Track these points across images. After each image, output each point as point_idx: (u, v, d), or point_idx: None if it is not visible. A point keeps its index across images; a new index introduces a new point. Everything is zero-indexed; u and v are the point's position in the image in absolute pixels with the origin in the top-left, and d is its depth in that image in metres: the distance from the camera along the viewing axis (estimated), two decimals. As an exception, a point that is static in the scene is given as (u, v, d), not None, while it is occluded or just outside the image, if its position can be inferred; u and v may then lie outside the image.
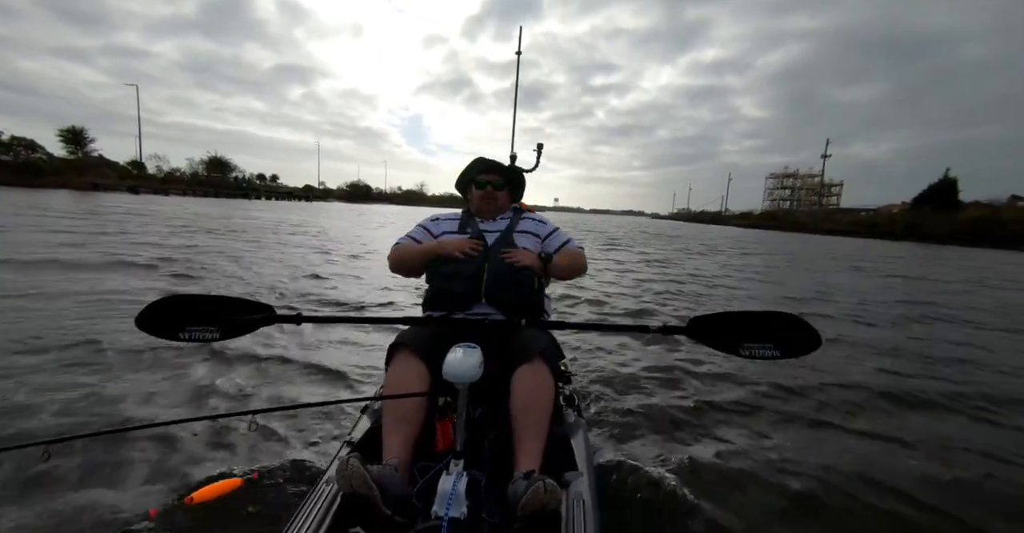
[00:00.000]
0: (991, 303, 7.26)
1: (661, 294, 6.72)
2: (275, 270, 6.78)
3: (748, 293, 7.32)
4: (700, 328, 1.47)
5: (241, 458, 1.94)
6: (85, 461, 1.84)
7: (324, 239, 12.52)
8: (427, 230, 1.87)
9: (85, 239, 8.63)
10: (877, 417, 2.70)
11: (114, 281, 5.28)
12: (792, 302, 6.57)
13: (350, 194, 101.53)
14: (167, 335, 1.47)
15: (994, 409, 2.86)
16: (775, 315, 1.44)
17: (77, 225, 11.07)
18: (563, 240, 1.86)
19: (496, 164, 1.89)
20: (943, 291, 8.53)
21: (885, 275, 10.85)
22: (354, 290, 5.81)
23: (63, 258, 6.38)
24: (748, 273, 9.98)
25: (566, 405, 1.72)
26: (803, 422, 2.58)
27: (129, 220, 13.63)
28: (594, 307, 5.56)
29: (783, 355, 1.40)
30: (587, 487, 1.25)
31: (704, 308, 5.87)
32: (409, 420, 1.32)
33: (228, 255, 7.93)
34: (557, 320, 1.73)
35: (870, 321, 5.42)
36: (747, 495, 1.88)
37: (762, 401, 2.81)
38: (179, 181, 61.90)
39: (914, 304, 6.82)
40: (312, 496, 1.18)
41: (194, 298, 1.51)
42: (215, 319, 1.49)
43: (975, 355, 4.12)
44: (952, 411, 2.83)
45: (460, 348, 1.15)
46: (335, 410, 2.33)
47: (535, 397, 1.34)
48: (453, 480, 1.05)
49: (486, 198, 1.86)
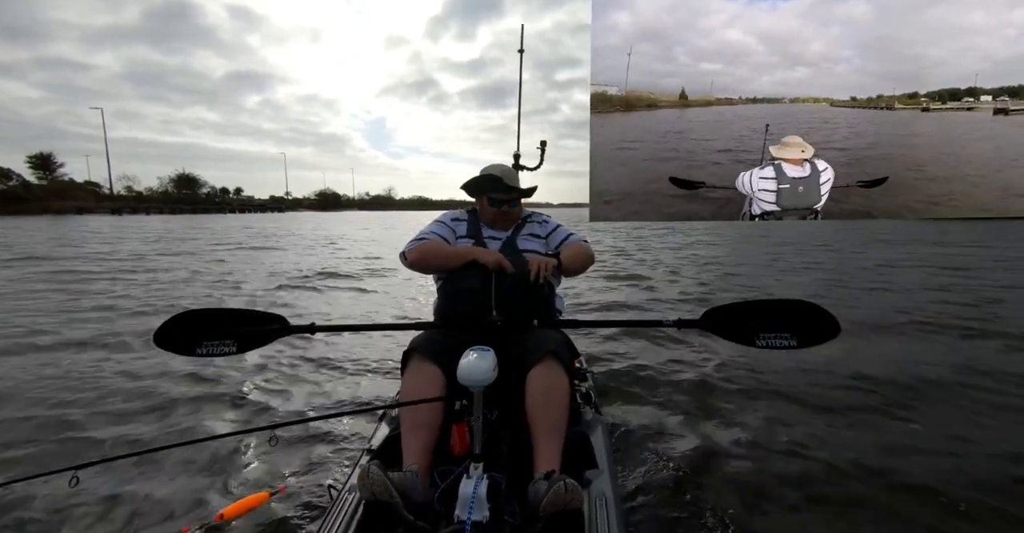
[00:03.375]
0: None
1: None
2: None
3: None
4: (714, 320, 1.45)
5: (266, 472, 1.96)
6: (113, 485, 1.87)
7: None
8: (448, 227, 1.81)
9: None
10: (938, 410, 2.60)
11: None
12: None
13: (319, 203, 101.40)
14: (185, 351, 1.48)
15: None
16: (791, 303, 1.41)
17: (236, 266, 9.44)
18: (566, 234, 1.84)
19: (508, 184, 1.80)
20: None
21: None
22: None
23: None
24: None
25: (583, 403, 1.71)
26: (831, 414, 2.51)
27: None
28: (603, 300, 5.54)
29: (800, 344, 1.37)
30: (609, 485, 1.24)
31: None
32: (426, 425, 1.32)
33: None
34: (569, 319, 1.73)
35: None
36: (772, 491, 1.84)
37: (786, 392, 2.76)
38: (155, 200, 63.61)
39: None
40: (336, 505, 1.19)
41: (209, 312, 1.52)
42: (231, 333, 1.50)
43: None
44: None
45: (474, 351, 1.15)
46: (353, 418, 2.35)
47: (550, 397, 1.33)
48: (474, 484, 1.05)
49: (500, 215, 1.81)
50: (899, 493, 1.81)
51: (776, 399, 2.68)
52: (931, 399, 2.66)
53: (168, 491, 1.85)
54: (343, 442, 2.19)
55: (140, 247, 12.86)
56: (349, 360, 3.38)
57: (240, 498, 1.71)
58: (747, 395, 2.72)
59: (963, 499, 1.75)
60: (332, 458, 2.06)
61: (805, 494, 1.82)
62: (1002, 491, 1.80)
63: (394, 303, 5.72)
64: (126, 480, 1.90)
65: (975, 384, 2.84)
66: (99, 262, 9.43)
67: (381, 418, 1.69)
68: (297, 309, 5.27)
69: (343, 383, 2.96)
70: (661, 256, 10.71)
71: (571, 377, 1.45)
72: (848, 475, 1.93)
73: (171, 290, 6.38)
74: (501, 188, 1.77)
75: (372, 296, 6.23)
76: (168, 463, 2.01)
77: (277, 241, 15.98)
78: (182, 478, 1.93)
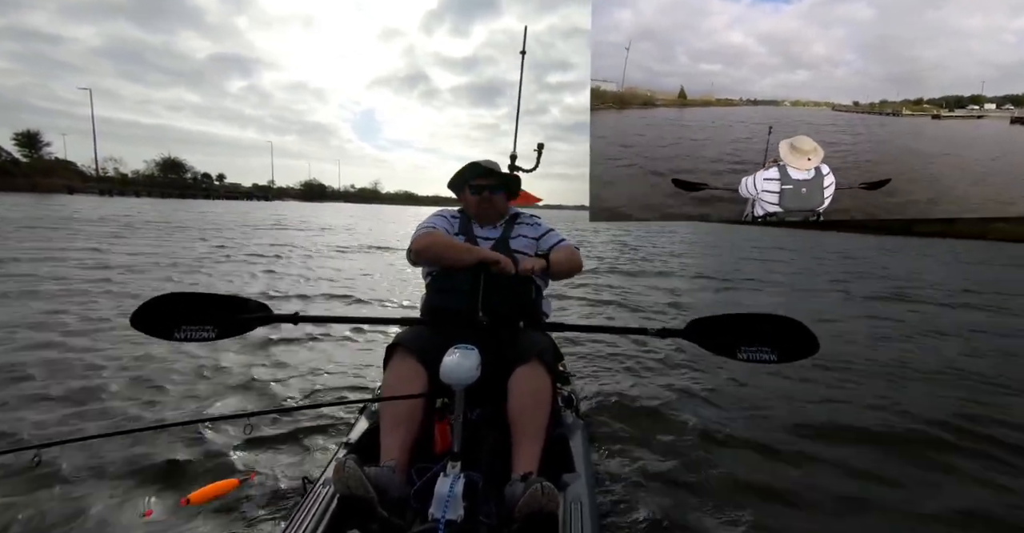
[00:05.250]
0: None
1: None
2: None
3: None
4: (698, 331, 1.47)
5: (238, 460, 1.93)
6: (78, 465, 1.83)
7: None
8: (448, 221, 1.81)
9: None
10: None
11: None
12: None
13: (304, 193, 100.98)
14: (162, 334, 1.44)
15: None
16: (773, 318, 1.43)
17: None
18: (557, 239, 1.85)
19: (489, 169, 1.83)
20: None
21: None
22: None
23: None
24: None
25: (565, 406, 1.72)
26: (813, 424, 2.55)
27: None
28: (590, 304, 5.57)
29: (780, 359, 1.39)
30: (585, 489, 1.24)
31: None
32: (407, 422, 1.31)
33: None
34: (556, 321, 1.73)
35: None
36: (750, 498, 1.87)
37: (765, 402, 2.80)
38: (142, 183, 63.39)
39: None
40: (309, 498, 1.17)
41: (190, 296, 1.49)
42: (211, 318, 1.46)
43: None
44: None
45: (457, 350, 1.14)
46: (332, 411, 2.33)
47: (533, 399, 1.33)
48: (450, 482, 1.04)
49: (483, 203, 1.82)
50: (888, 504, 1.85)
51: (757, 408, 2.72)
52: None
53: (134, 474, 1.81)
54: (320, 434, 2.16)
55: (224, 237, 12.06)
56: (331, 352, 3.35)
57: (209, 484, 1.68)
58: (729, 404, 2.74)
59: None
60: (308, 450, 2.03)
61: (783, 500, 1.85)
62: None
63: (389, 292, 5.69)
64: (90, 461, 1.85)
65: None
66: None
67: (361, 412, 1.67)
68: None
69: (324, 375, 2.92)
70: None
71: (554, 380, 1.46)
72: (829, 481, 1.97)
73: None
74: (480, 172, 1.79)
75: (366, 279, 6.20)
76: (136, 446, 1.96)
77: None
78: (150, 462, 1.89)
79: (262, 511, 1.62)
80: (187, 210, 25.00)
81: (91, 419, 2.22)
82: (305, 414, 2.28)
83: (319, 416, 2.29)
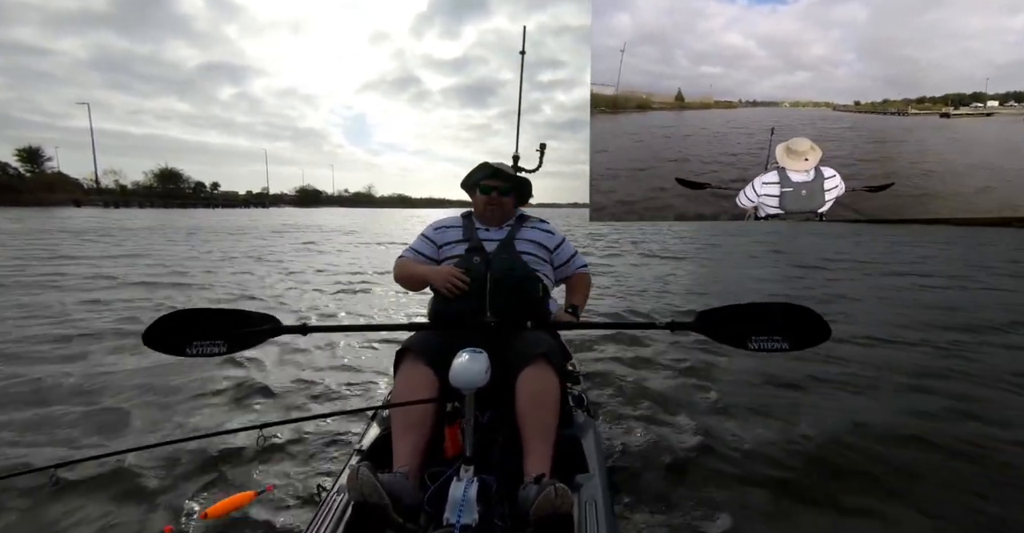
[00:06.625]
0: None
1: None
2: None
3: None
4: (707, 323, 1.46)
5: (254, 472, 1.94)
6: (96, 483, 1.84)
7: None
8: (430, 241, 1.84)
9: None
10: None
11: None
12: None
13: (299, 199, 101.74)
14: (174, 351, 1.46)
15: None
16: (782, 306, 1.43)
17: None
18: (571, 254, 1.89)
19: (501, 170, 1.85)
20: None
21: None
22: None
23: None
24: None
25: (575, 406, 1.71)
26: (832, 418, 2.49)
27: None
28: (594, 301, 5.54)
29: (792, 347, 1.39)
30: (599, 489, 1.23)
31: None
32: (418, 427, 1.31)
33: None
34: (563, 320, 1.72)
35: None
36: (767, 498, 1.83)
37: (781, 394, 2.76)
38: (142, 194, 64.46)
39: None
40: (324, 506, 1.17)
41: (199, 312, 1.51)
42: (221, 333, 1.48)
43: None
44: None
45: (466, 353, 1.14)
46: (344, 418, 2.33)
47: (540, 399, 1.33)
48: (464, 486, 1.04)
49: (491, 204, 1.82)
50: (907, 497, 1.82)
51: (773, 405, 2.66)
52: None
53: (152, 490, 1.82)
54: (333, 442, 2.16)
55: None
56: (341, 360, 3.36)
57: (226, 497, 1.69)
58: (743, 400, 2.71)
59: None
60: (321, 458, 2.04)
61: (801, 500, 1.82)
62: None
63: (394, 301, 5.70)
64: (108, 479, 1.87)
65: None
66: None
67: (372, 418, 1.67)
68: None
69: (334, 383, 2.93)
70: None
71: (562, 379, 1.45)
72: (849, 483, 1.93)
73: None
74: (490, 173, 1.82)
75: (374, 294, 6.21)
76: (152, 462, 1.98)
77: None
78: (166, 477, 1.90)
79: (280, 521, 1.62)
80: (200, 218, 25.46)
81: (106, 436, 2.24)
82: (317, 422, 2.29)
83: (331, 424, 2.30)
